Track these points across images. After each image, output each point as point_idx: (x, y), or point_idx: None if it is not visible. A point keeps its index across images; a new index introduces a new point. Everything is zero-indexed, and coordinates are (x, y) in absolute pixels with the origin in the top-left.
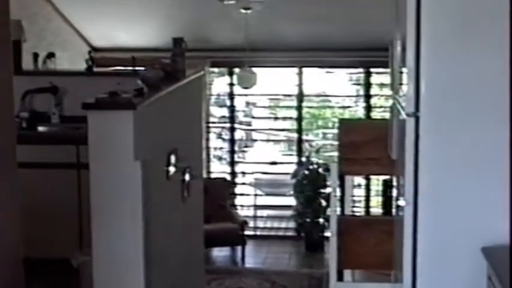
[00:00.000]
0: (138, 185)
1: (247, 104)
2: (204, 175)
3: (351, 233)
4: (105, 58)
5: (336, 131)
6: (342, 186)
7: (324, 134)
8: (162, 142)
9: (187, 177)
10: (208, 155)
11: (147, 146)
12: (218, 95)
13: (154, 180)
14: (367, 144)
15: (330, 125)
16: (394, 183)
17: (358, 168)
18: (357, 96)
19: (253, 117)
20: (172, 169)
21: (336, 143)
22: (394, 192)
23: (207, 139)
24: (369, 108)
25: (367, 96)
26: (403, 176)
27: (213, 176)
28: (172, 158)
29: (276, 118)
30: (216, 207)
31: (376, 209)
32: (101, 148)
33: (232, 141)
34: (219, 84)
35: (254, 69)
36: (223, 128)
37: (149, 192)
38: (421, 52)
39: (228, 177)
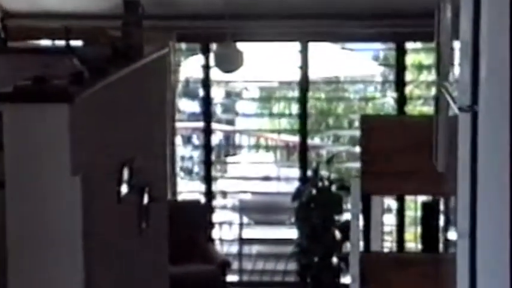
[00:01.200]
0: (77, 210)
1: (229, 95)
2: (169, 196)
3: (379, 278)
4: (25, 28)
5: (356, 132)
6: (366, 211)
7: (337, 137)
8: (110, 150)
9: (146, 199)
10: (173, 167)
11: (90, 154)
12: (187, 81)
13: (99, 204)
14: (403, 151)
15: (346, 124)
16: (442, 206)
17: (390, 186)
18: (384, 82)
19: (237, 114)
20: (125, 188)
21: (358, 149)
22: (442, 220)
23: (173, 145)
24: (402, 100)
25: (400, 83)
26: (455, 196)
27: (180, 197)
28: (126, 173)
29: (271, 115)
30: (185, 242)
31: (413, 243)
32: (22, 157)
33: (207, 147)
34: (190, 67)
35: (239, 45)
36: (194, 129)
37: (93, 220)
38: (482, 19)
39: (202, 199)
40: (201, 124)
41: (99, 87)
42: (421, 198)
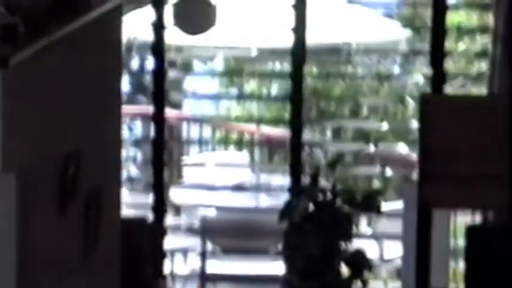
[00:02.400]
0: (10, 220)
1: (172, 65)
2: None
3: None
4: None
5: (365, 124)
6: (423, 231)
7: (337, 130)
8: (53, 138)
9: (95, 210)
10: None
11: (28, 143)
12: (129, 47)
13: (38, 213)
14: (482, 145)
15: (347, 111)
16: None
17: (463, 194)
18: (411, 54)
19: (195, 96)
20: (69, 193)
21: (371, 148)
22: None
23: None
24: (440, 78)
25: (436, 54)
26: None
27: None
28: (71, 172)
29: (241, 97)
30: (126, 277)
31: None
32: None
33: (158, 142)
34: (134, 25)
35: None
36: (134, 115)
37: (29, 236)
38: None
39: (150, 216)
40: (147, 108)
41: (39, 47)
42: (464, 219)
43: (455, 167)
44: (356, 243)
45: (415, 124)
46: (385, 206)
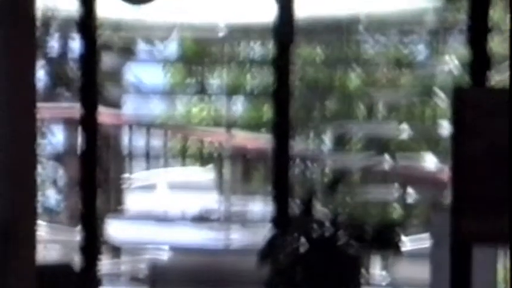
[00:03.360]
0: None
1: (106, 48)
2: None
3: None
4: None
5: (380, 127)
6: (460, 276)
7: (340, 138)
8: None
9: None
10: None
11: None
12: (46, 22)
13: None
14: None
15: (355, 110)
16: None
17: None
18: (442, 29)
19: (140, 91)
20: None
21: (387, 160)
22: None
23: None
24: (481, 62)
25: (477, 29)
26: None
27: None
28: None
29: (204, 93)
30: None
31: None
32: None
33: (88, 157)
34: None
35: None
36: (55, 118)
37: None
38: None
39: (78, 260)
40: (70, 109)
41: None
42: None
43: (501, 185)
44: None
45: (447, 128)
46: (407, 243)
